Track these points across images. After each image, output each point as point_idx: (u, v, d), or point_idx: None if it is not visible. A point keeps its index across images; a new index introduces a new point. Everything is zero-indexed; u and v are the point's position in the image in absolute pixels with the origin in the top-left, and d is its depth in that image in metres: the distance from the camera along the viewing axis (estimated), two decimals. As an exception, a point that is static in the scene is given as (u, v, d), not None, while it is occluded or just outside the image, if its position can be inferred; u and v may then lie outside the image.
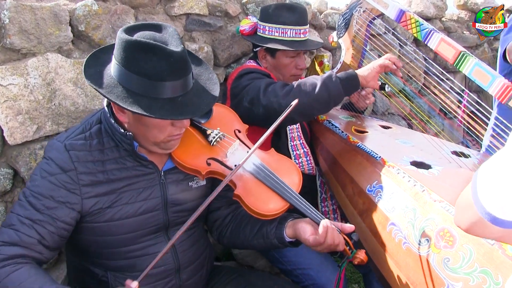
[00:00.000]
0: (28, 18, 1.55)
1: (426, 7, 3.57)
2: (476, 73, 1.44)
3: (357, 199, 1.55)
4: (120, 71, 1.21)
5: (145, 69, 1.18)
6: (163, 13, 2.09)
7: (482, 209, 0.79)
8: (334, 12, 3.00)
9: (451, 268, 1.11)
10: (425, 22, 1.63)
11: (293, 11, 2.02)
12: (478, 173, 0.81)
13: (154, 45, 1.17)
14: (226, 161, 1.41)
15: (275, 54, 2.01)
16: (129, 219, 1.33)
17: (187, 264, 1.46)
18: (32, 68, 1.57)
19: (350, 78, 1.71)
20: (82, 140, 1.30)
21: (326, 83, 1.67)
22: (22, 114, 1.56)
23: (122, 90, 1.21)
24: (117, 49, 1.21)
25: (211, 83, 1.37)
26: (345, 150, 1.76)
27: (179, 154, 1.39)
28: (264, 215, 1.36)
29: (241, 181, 1.39)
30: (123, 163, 1.32)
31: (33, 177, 1.27)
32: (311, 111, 1.73)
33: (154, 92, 1.20)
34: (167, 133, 1.29)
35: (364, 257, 1.32)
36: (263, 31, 2.04)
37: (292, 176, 1.46)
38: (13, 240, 1.19)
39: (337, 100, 1.73)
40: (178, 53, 1.19)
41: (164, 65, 1.18)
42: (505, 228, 0.78)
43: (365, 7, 1.90)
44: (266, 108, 1.71)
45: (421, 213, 1.28)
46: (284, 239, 1.41)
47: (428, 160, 1.54)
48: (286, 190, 1.39)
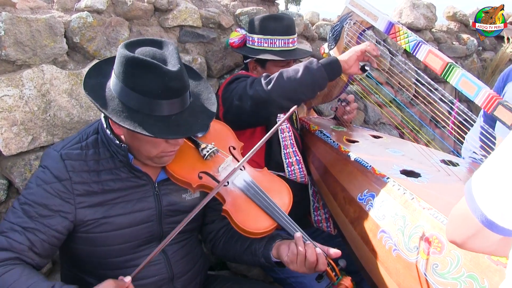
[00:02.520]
0: (24, 30, 1.57)
1: (417, 18, 3.63)
2: (463, 84, 1.47)
3: (348, 208, 1.57)
4: (118, 85, 1.23)
5: (141, 86, 1.20)
6: (157, 25, 2.12)
7: (482, 216, 0.78)
8: (325, 23, 3.05)
9: (440, 273, 1.13)
10: (414, 34, 1.67)
11: (280, 21, 2.06)
12: (472, 182, 0.81)
13: (151, 63, 1.18)
14: (218, 175, 1.42)
15: (265, 64, 2.05)
16: (123, 230, 1.34)
17: (181, 274, 1.46)
18: (27, 79, 1.58)
19: (331, 62, 1.72)
20: (78, 149, 1.32)
21: (308, 67, 1.69)
22: (17, 125, 1.57)
23: (118, 104, 1.22)
24: (116, 63, 1.23)
25: (209, 103, 1.38)
26: (336, 160, 1.79)
27: (172, 165, 1.40)
28: (250, 233, 1.36)
29: (230, 197, 1.39)
30: (117, 174, 1.34)
31: (28, 184, 1.28)
32: (297, 95, 1.73)
33: (148, 109, 1.21)
34: (160, 149, 1.30)
35: (350, 284, 1.30)
36: (252, 42, 2.09)
37: (282, 196, 1.45)
38: (3, 245, 1.20)
39: (321, 84, 1.73)
40: (174, 73, 1.20)
41: (160, 83, 1.19)
42: (505, 236, 0.78)
43: (355, 19, 1.94)
44: (253, 98, 1.72)
45: (410, 220, 1.30)
46: (270, 259, 1.40)
47: (418, 169, 1.57)
48: (274, 209, 1.38)
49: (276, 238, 1.43)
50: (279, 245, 1.39)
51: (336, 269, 1.33)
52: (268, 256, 1.40)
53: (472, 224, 0.80)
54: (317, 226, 2.08)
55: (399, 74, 1.86)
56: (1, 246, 1.20)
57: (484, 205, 0.77)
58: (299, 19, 2.72)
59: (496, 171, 0.76)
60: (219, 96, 1.98)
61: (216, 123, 1.62)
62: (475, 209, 0.78)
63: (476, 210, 0.78)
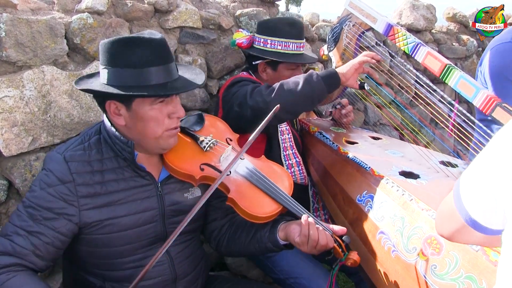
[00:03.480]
0: (24, 31, 1.58)
1: (416, 19, 3.64)
2: (461, 85, 1.48)
3: (347, 209, 1.58)
4: (107, 72, 1.28)
5: (131, 59, 1.25)
6: (157, 26, 2.13)
7: (466, 216, 0.81)
8: (325, 24, 3.06)
9: (438, 274, 1.14)
10: (412, 36, 1.68)
11: (294, 26, 2.10)
12: (461, 180, 0.83)
13: (134, 37, 1.27)
14: (219, 166, 1.44)
15: (277, 67, 2.07)
16: (127, 231, 1.34)
17: (184, 275, 1.47)
18: (27, 80, 1.59)
19: (330, 75, 1.74)
20: (81, 150, 1.33)
21: (308, 80, 1.71)
22: (18, 126, 1.58)
23: (113, 89, 1.27)
24: (102, 55, 1.29)
25: (195, 72, 1.45)
26: (336, 161, 1.80)
27: (173, 159, 1.41)
28: (258, 218, 1.38)
29: (234, 185, 1.42)
30: (121, 173, 1.34)
31: (32, 188, 1.29)
32: (296, 107, 1.76)
33: (143, 80, 1.26)
34: (164, 126, 1.33)
35: (357, 257, 1.33)
36: (264, 44, 2.09)
37: (283, 180, 1.50)
38: (7, 250, 1.21)
39: (320, 96, 1.76)
40: (158, 39, 1.28)
41: (148, 51, 1.26)
42: (488, 235, 0.81)
43: (354, 21, 1.95)
44: (252, 108, 1.74)
45: (409, 221, 1.31)
46: (277, 242, 1.42)
47: (417, 170, 1.58)
48: (279, 193, 1.42)
49: (280, 221, 1.45)
50: (286, 227, 1.41)
51: (342, 245, 1.36)
52: (275, 239, 1.42)
53: (458, 221, 0.83)
54: (316, 227, 2.08)
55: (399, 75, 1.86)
56: (4, 251, 1.21)
57: (469, 205, 0.80)
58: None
59: (479, 173, 0.79)
60: (219, 98, 1.99)
61: (210, 117, 1.65)
62: (461, 209, 0.82)
63: (462, 209, 0.82)
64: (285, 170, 1.57)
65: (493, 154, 0.76)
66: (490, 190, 0.75)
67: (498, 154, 0.75)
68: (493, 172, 0.75)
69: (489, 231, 0.79)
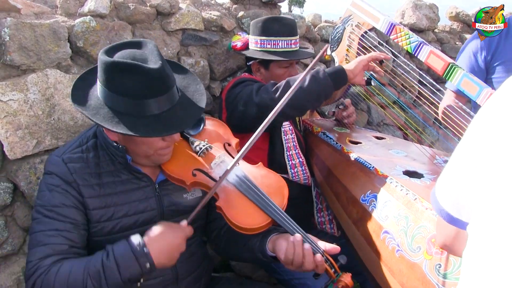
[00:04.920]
0: (28, 35, 1.59)
1: (419, 19, 3.63)
2: (464, 84, 1.47)
3: (351, 209, 1.57)
4: (104, 92, 1.24)
5: (126, 89, 1.20)
6: (159, 28, 2.13)
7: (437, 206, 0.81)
8: (328, 25, 3.06)
9: (443, 273, 1.13)
10: (415, 35, 1.67)
11: (282, 22, 2.08)
12: (436, 185, 0.83)
13: (131, 65, 1.18)
14: (211, 172, 1.41)
15: (269, 65, 2.06)
16: (128, 231, 1.35)
17: (185, 275, 1.47)
18: (31, 83, 1.60)
19: (337, 72, 1.74)
20: (79, 153, 1.34)
21: (314, 76, 1.70)
22: (22, 129, 1.59)
23: (108, 111, 1.23)
24: (99, 70, 1.23)
25: (198, 94, 1.38)
26: (339, 161, 1.79)
27: (167, 164, 1.41)
28: (244, 229, 1.32)
29: (223, 193, 1.37)
30: (118, 176, 1.36)
31: (41, 193, 1.30)
32: (303, 104, 1.75)
33: (138, 110, 1.22)
34: (157, 147, 1.32)
35: (349, 281, 1.27)
36: (255, 44, 2.09)
37: (277, 191, 1.41)
38: (48, 253, 1.22)
39: (327, 93, 1.75)
40: (156, 70, 1.19)
41: (144, 83, 1.19)
42: (459, 228, 0.80)
43: (357, 21, 1.95)
44: (259, 105, 1.73)
45: (413, 220, 1.30)
46: (266, 253, 1.38)
47: (421, 170, 1.57)
48: (268, 204, 1.34)
49: (272, 232, 1.40)
50: (275, 240, 1.36)
51: (335, 266, 1.30)
52: (264, 250, 1.38)
53: (446, 227, 0.82)
54: (320, 228, 2.08)
55: (402, 75, 1.86)
56: (45, 255, 1.22)
57: (441, 195, 0.80)
58: (301, 21, 2.73)
59: (452, 163, 0.78)
60: (223, 99, 1.99)
61: (211, 120, 1.63)
62: (434, 201, 0.82)
63: (434, 202, 0.82)
64: (281, 180, 1.47)
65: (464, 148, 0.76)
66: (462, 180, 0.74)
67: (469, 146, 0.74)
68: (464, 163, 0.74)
69: (461, 223, 0.78)
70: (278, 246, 1.34)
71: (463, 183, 0.74)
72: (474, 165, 0.71)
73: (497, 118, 0.69)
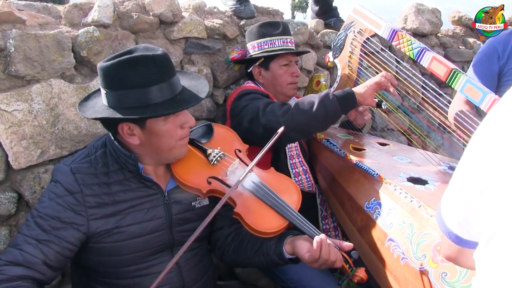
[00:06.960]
0: (33, 46, 1.60)
1: (422, 23, 3.63)
2: (467, 90, 1.47)
3: (355, 216, 1.57)
4: (113, 96, 1.26)
5: (138, 80, 1.24)
6: (162, 37, 2.15)
7: (445, 228, 0.79)
8: (330, 31, 3.06)
9: (449, 282, 1.12)
10: (417, 41, 1.68)
11: (276, 25, 2.13)
12: (441, 203, 0.81)
13: (136, 57, 1.24)
14: (227, 179, 1.44)
15: (269, 66, 2.08)
16: (135, 239, 1.35)
17: (192, 283, 1.47)
18: (36, 94, 1.61)
19: (347, 96, 1.72)
20: (88, 163, 1.34)
21: (323, 101, 1.70)
22: (27, 139, 1.60)
23: (125, 110, 1.26)
24: (104, 77, 1.26)
25: (197, 77, 1.45)
26: (343, 168, 1.79)
27: (181, 172, 1.42)
28: (263, 233, 1.37)
29: (240, 199, 1.41)
30: (127, 184, 1.36)
31: (41, 199, 1.31)
32: (309, 128, 1.76)
33: (151, 99, 1.25)
34: (178, 136, 1.34)
35: (364, 275, 1.32)
36: (253, 49, 2.12)
37: (291, 194, 1.47)
38: (18, 260, 1.22)
39: (334, 118, 1.75)
40: (160, 56, 1.26)
41: (151, 70, 1.24)
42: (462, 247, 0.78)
43: (359, 27, 1.95)
44: (265, 127, 1.74)
45: (418, 228, 1.30)
46: (283, 255, 1.41)
47: (425, 176, 1.57)
48: (285, 208, 1.40)
49: (287, 235, 1.44)
50: (293, 241, 1.40)
51: (349, 261, 1.35)
52: (281, 252, 1.41)
53: (451, 245, 0.81)
54: (325, 235, 2.07)
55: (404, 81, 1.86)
56: (14, 260, 1.22)
57: (452, 222, 0.77)
58: (303, 28, 2.73)
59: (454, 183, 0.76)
60: (227, 109, 1.99)
61: (219, 127, 1.64)
62: (441, 222, 0.80)
63: (441, 223, 0.80)
64: (293, 183, 1.54)
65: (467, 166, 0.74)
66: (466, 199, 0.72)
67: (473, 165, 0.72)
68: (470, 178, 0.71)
69: (464, 242, 0.77)
70: (299, 246, 1.37)
71: (470, 200, 0.70)
72: (482, 179, 0.67)
73: (503, 127, 0.66)
